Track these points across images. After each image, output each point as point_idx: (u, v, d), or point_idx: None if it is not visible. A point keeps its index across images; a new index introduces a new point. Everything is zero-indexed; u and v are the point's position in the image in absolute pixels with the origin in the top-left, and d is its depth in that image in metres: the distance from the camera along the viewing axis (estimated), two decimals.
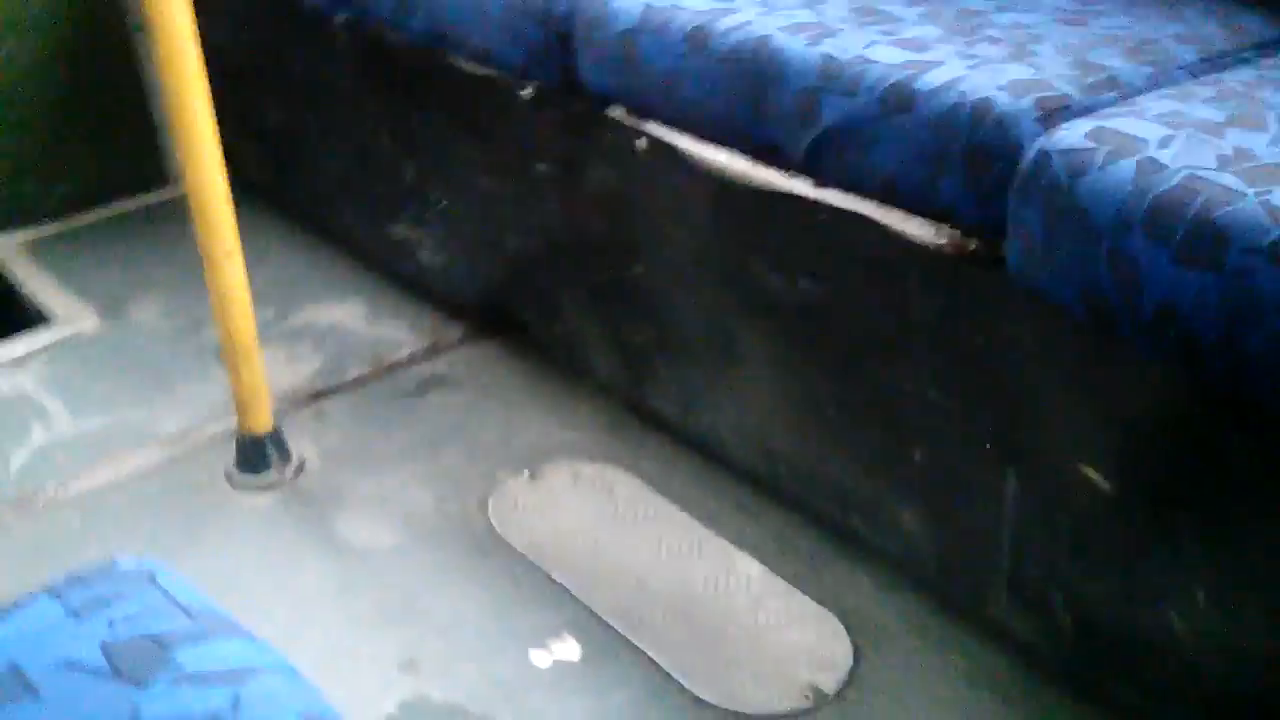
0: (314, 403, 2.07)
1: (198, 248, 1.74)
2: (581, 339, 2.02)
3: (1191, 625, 1.31)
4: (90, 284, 2.43)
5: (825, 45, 1.51)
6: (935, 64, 1.44)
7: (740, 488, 1.83)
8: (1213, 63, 1.48)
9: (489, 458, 1.92)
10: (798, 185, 1.56)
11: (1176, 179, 1.19)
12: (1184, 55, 1.48)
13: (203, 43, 1.66)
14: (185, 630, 0.81)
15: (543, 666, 1.55)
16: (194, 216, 1.72)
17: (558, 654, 1.57)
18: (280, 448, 1.89)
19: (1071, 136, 1.28)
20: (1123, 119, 1.30)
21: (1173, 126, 1.27)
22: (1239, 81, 1.40)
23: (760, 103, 1.56)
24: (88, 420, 2.04)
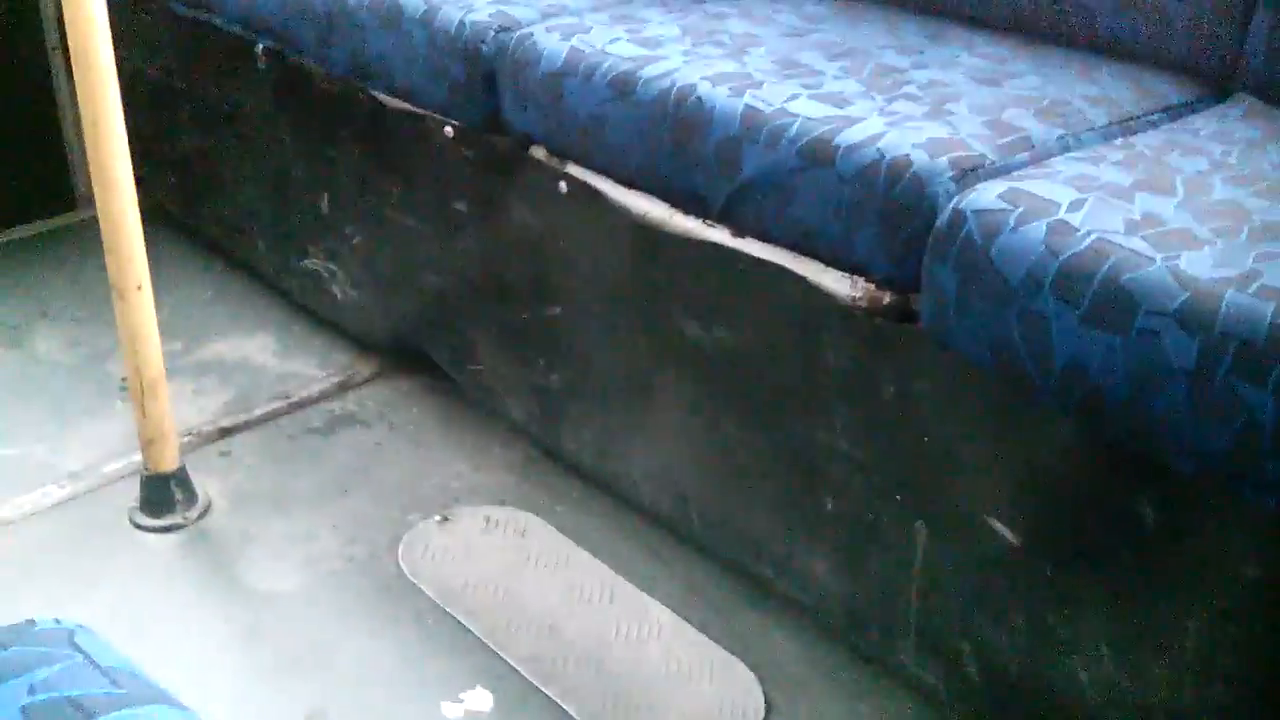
0: (220, 440, 2.03)
1: (106, 277, 1.70)
2: (496, 380, 2.01)
3: (1097, 678, 1.33)
4: None
5: (748, 97, 1.52)
6: (855, 120, 1.45)
7: (653, 533, 1.83)
8: (1123, 126, 1.51)
9: (399, 500, 1.90)
10: (717, 234, 1.57)
11: (1086, 242, 1.22)
12: (1096, 118, 1.51)
13: (121, 67, 1.63)
14: (107, 696, 0.79)
15: (454, 718, 1.53)
16: (105, 247, 1.69)
17: (469, 704, 1.55)
18: (185, 487, 1.85)
19: (985, 197, 1.30)
20: (1035, 181, 1.33)
21: (1083, 189, 1.30)
22: (1148, 145, 1.43)
23: (682, 151, 1.57)
24: None
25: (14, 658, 0.81)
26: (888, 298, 1.43)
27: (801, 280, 1.50)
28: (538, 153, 1.77)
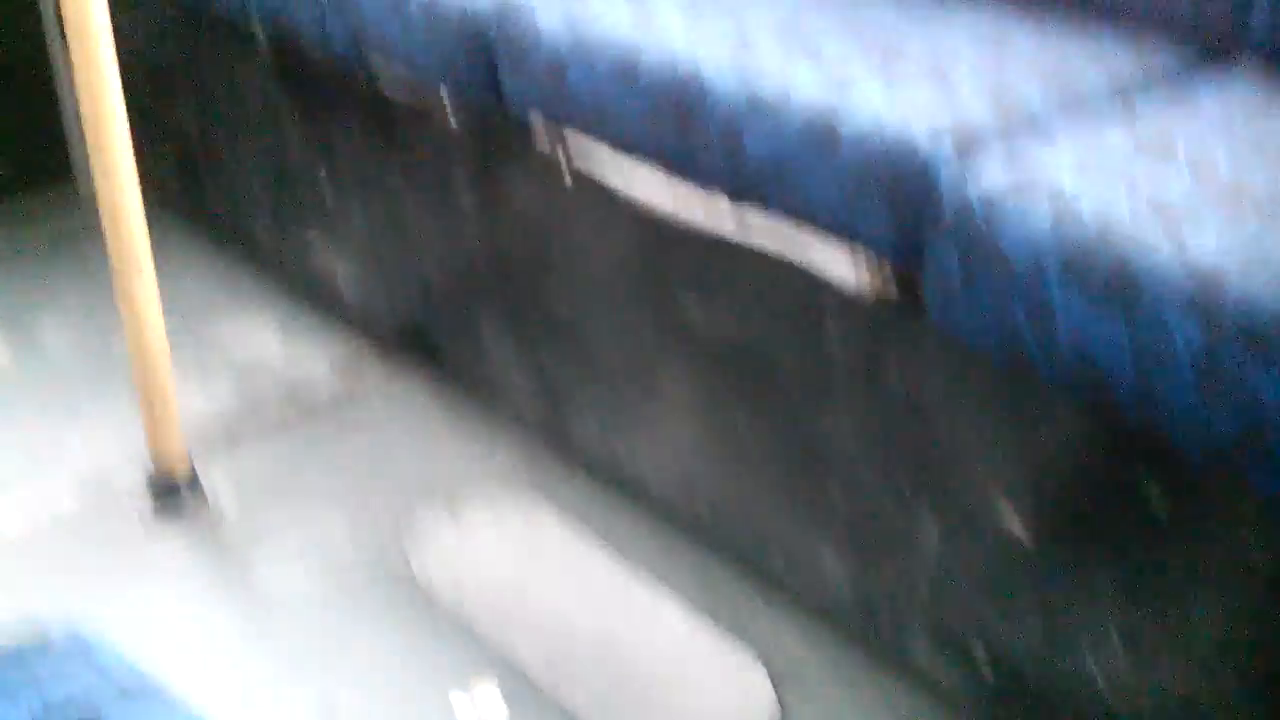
0: (228, 438, 2.02)
1: (108, 263, 1.69)
2: (501, 370, 1.99)
3: (1109, 670, 1.31)
4: None
5: (750, 76, 1.48)
6: (856, 98, 1.42)
7: (662, 523, 1.81)
8: (1125, 95, 1.47)
9: (407, 494, 1.89)
10: (720, 220, 1.55)
11: (1092, 227, 1.19)
12: (1098, 86, 1.47)
13: (120, 48, 1.61)
14: (123, 709, 0.79)
15: (463, 712, 1.52)
16: (106, 233, 1.67)
17: (479, 702, 1.54)
18: (195, 488, 1.85)
19: (989, 180, 1.27)
20: (1039, 157, 1.30)
21: (1087, 167, 1.27)
22: (1151, 115, 1.39)
23: (686, 132, 1.54)
24: None
25: (30, 674, 0.82)
26: (892, 283, 1.40)
27: (805, 269, 1.47)
28: (539, 137, 1.75)
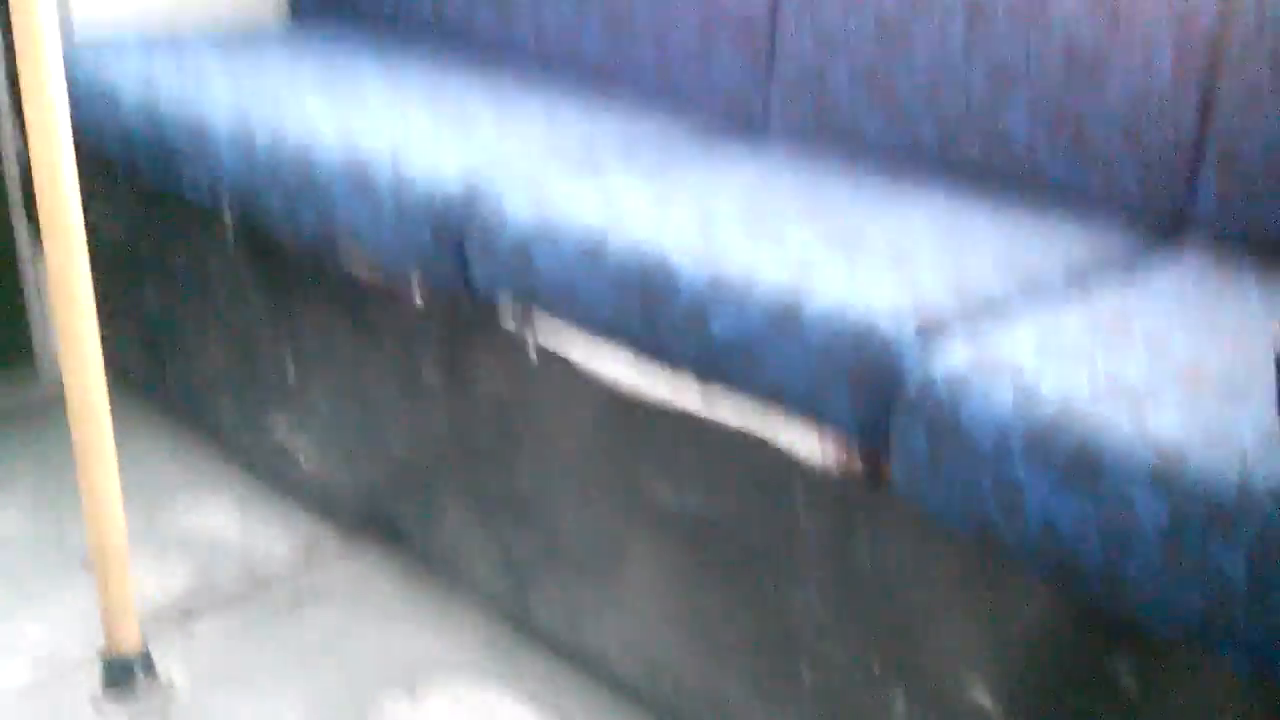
0: (184, 617, 1.98)
1: (67, 444, 1.68)
2: (465, 549, 1.98)
3: None
4: None
5: (713, 260, 1.53)
6: (820, 281, 1.46)
7: (627, 706, 1.78)
8: (1079, 277, 1.53)
9: (366, 678, 1.85)
10: (687, 400, 1.57)
11: (1054, 405, 1.22)
12: (1053, 271, 1.53)
13: (88, 233, 1.63)
14: None
15: None
16: (69, 413, 1.67)
17: None
18: (148, 669, 1.80)
19: (952, 360, 1.31)
20: (999, 340, 1.34)
21: (1048, 349, 1.32)
22: (1106, 299, 1.45)
23: (652, 314, 1.57)
24: None
25: None
26: (859, 461, 1.43)
27: (771, 446, 1.49)
28: (506, 318, 1.77)
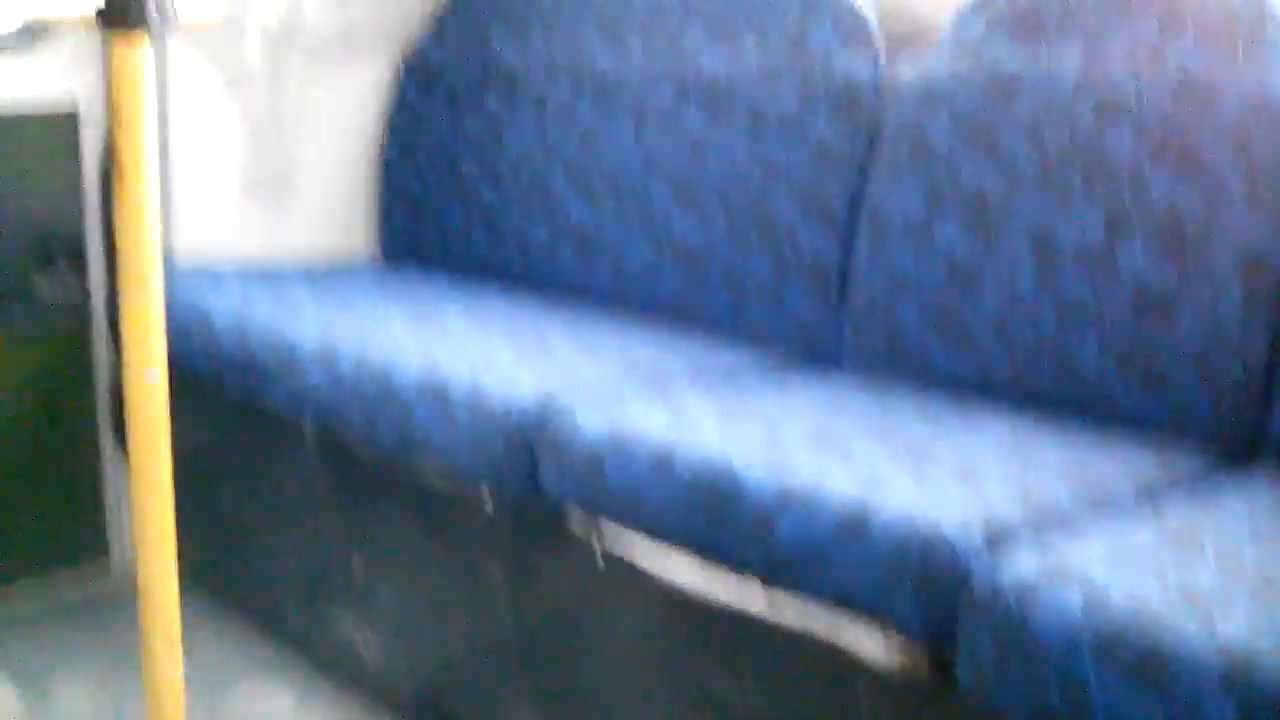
0: None
1: (134, 633, 1.73)
2: None
3: None
4: (12, 658, 2.36)
5: (782, 471, 1.60)
6: (887, 492, 1.52)
7: None
8: (1150, 494, 1.58)
9: None
10: (752, 602, 1.61)
11: (1124, 611, 1.26)
12: (1122, 486, 1.59)
13: (172, 437, 1.72)
14: None
15: None
16: (141, 607, 1.72)
17: None
18: None
19: (1020, 567, 1.35)
20: (1067, 549, 1.39)
21: (1118, 560, 1.35)
22: (1176, 513, 1.50)
23: (718, 521, 1.63)
24: None
25: None
26: (925, 663, 1.46)
27: (837, 648, 1.52)
28: (574, 523, 1.84)
